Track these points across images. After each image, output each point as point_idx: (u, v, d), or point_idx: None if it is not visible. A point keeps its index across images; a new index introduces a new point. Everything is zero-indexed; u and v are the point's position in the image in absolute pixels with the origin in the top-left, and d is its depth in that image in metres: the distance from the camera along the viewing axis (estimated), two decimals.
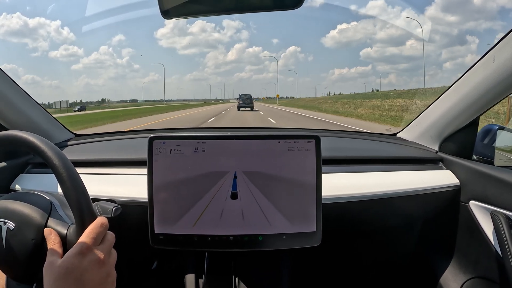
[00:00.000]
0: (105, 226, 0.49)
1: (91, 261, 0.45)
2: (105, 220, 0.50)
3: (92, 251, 0.46)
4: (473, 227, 0.80)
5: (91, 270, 0.45)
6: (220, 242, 0.64)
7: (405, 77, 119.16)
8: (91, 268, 0.45)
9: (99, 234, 0.48)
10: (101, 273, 0.46)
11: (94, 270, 0.45)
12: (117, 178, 0.82)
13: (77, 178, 0.52)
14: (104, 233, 0.49)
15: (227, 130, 1.36)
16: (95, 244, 0.47)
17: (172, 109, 30.21)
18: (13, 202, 0.55)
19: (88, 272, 0.44)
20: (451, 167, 0.89)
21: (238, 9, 0.61)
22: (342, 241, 1.02)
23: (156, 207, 0.64)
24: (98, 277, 0.45)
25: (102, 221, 0.50)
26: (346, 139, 1.19)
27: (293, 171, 0.64)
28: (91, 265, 0.45)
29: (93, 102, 49.36)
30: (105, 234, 0.50)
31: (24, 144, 0.53)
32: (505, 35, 0.68)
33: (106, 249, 0.48)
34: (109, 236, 0.50)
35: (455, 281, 0.85)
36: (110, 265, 0.48)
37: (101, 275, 0.45)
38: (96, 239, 0.47)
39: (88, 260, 0.45)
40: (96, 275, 0.45)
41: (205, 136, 0.64)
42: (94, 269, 0.45)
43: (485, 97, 0.76)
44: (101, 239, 0.48)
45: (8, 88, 0.85)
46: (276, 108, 27.33)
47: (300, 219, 0.64)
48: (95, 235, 0.47)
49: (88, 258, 0.45)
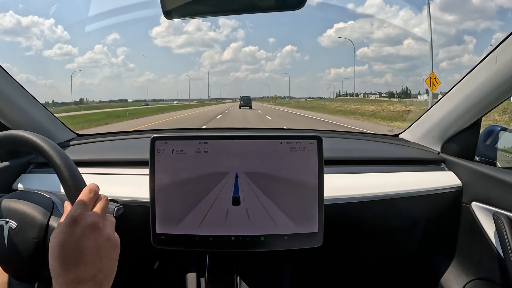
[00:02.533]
0: (94, 192, 0.48)
1: (84, 228, 0.43)
2: (93, 186, 0.49)
3: (84, 217, 0.44)
4: (475, 228, 0.80)
5: (86, 237, 0.43)
6: (222, 242, 0.64)
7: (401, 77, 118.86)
8: (86, 235, 0.43)
9: (89, 200, 0.47)
10: (99, 238, 0.44)
11: (90, 236, 0.43)
12: (119, 178, 0.82)
13: (79, 177, 0.52)
14: (95, 199, 0.48)
15: (229, 131, 1.36)
16: (85, 210, 0.46)
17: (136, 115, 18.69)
18: (15, 201, 0.56)
19: (83, 239, 0.43)
20: (453, 168, 0.89)
21: (240, 9, 0.61)
22: (344, 241, 1.02)
23: (158, 207, 0.64)
24: (95, 243, 0.43)
25: (90, 187, 0.49)
26: (348, 140, 1.19)
27: (295, 172, 0.64)
28: (85, 232, 0.43)
29: (68, 103, 38.63)
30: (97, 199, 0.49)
31: (26, 144, 0.54)
32: (508, 36, 0.67)
33: (99, 213, 0.47)
34: (101, 199, 0.49)
35: (457, 282, 0.84)
36: (108, 228, 0.46)
37: (99, 240, 0.44)
38: (85, 205, 0.46)
39: (81, 227, 0.43)
40: (92, 241, 0.43)
41: (207, 137, 0.65)
42: (89, 235, 0.43)
43: (487, 98, 0.76)
44: (92, 205, 0.47)
45: (10, 88, 0.85)
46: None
47: (302, 220, 0.64)
48: (84, 201, 0.46)
49: (81, 225, 0.43)
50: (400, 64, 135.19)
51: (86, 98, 56.57)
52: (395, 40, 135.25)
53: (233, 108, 25.97)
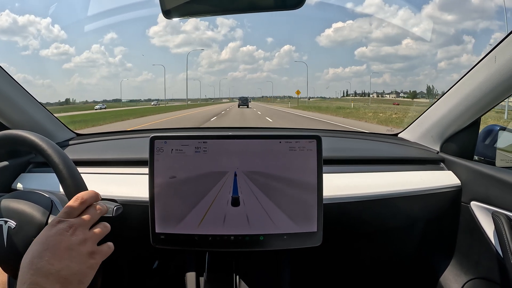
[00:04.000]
0: (80, 200, 0.49)
1: (58, 229, 0.45)
2: (83, 195, 0.50)
3: (62, 222, 0.46)
4: (474, 227, 0.80)
5: (58, 236, 0.45)
6: (221, 242, 0.64)
7: (400, 77, 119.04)
8: (58, 234, 0.45)
9: (73, 208, 0.48)
10: (71, 240, 0.45)
11: (62, 236, 0.45)
12: (118, 177, 0.82)
13: (78, 176, 0.52)
14: (82, 208, 0.49)
15: (228, 130, 1.36)
16: (67, 217, 0.47)
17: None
18: (14, 201, 0.56)
19: (53, 237, 0.45)
20: (452, 168, 0.89)
21: (239, 9, 0.61)
22: (343, 241, 1.02)
23: (157, 206, 0.64)
24: (67, 242, 0.45)
25: (79, 195, 0.49)
26: (347, 139, 1.19)
27: (294, 171, 0.64)
28: (58, 232, 0.45)
29: (52, 103, 38.45)
30: (89, 208, 0.49)
31: (26, 143, 0.54)
32: (507, 35, 0.67)
33: (82, 220, 0.48)
34: (91, 210, 0.50)
35: (456, 282, 0.84)
36: (86, 235, 0.47)
37: (70, 242, 0.45)
38: (68, 212, 0.47)
39: (56, 229, 0.45)
40: (63, 241, 0.45)
41: (207, 136, 0.65)
42: (61, 235, 0.45)
43: (486, 97, 0.76)
44: (77, 213, 0.48)
45: (9, 87, 0.85)
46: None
47: (301, 219, 0.64)
48: (67, 209, 0.48)
49: (57, 227, 0.46)
50: (398, 64, 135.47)
51: (72, 98, 54.43)
52: (394, 39, 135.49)
53: (230, 109, 24.85)
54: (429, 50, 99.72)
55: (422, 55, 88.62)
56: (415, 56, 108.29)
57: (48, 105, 14.55)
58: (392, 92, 61.10)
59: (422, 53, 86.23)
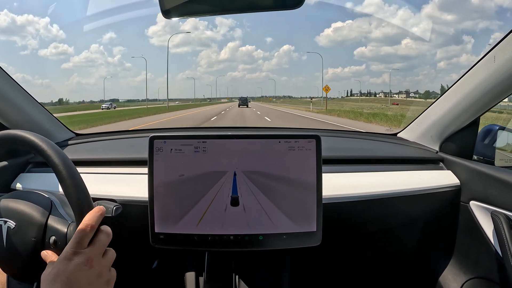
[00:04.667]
0: (90, 228, 0.48)
1: (77, 264, 0.45)
2: (90, 222, 0.49)
3: (78, 254, 0.46)
4: (474, 227, 0.80)
5: (78, 272, 0.45)
6: (221, 241, 0.64)
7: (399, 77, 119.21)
8: (78, 271, 0.45)
9: (83, 237, 0.47)
10: (90, 274, 0.46)
11: (82, 272, 0.45)
12: (117, 177, 0.82)
13: (77, 176, 0.52)
14: (91, 234, 0.48)
15: (228, 130, 1.36)
16: (80, 247, 0.47)
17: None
18: (14, 201, 0.56)
19: (74, 275, 0.45)
20: (451, 167, 0.89)
21: (239, 9, 0.61)
22: (342, 240, 1.02)
23: (156, 206, 0.64)
24: (86, 279, 0.46)
25: (87, 222, 0.49)
26: (347, 139, 1.19)
27: (294, 171, 0.64)
28: (77, 268, 0.45)
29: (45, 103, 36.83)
30: (97, 235, 0.49)
31: (25, 143, 0.53)
32: (506, 35, 0.67)
33: (96, 250, 0.48)
34: (101, 236, 0.49)
35: (455, 281, 0.85)
36: (102, 266, 0.48)
37: (89, 277, 0.46)
38: (80, 243, 0.47)
39: (74, 264, 0.45)
40: (83, 277, 0.45)
41: (206, 136, 0.65)
42: (81, 271, 0.45)
43: (485, 97, 0.76)
44: (87, 241, 0.48)
45: (9, 87, 0.85)
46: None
47: (300, 219, 0.64)
48: (79, 239, 0.47)
49: (74, 261, 0.46)
50: (398, 63, 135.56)
51: (66, 98, 52.32)
52: (393, 39, 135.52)
53: (229, 109, 22.60)
54: (429, 50, 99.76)
55: (422, 55, 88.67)
56: (414, 56, 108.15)
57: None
58: (401, 92, 57.02)
59: (422, 53, 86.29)
